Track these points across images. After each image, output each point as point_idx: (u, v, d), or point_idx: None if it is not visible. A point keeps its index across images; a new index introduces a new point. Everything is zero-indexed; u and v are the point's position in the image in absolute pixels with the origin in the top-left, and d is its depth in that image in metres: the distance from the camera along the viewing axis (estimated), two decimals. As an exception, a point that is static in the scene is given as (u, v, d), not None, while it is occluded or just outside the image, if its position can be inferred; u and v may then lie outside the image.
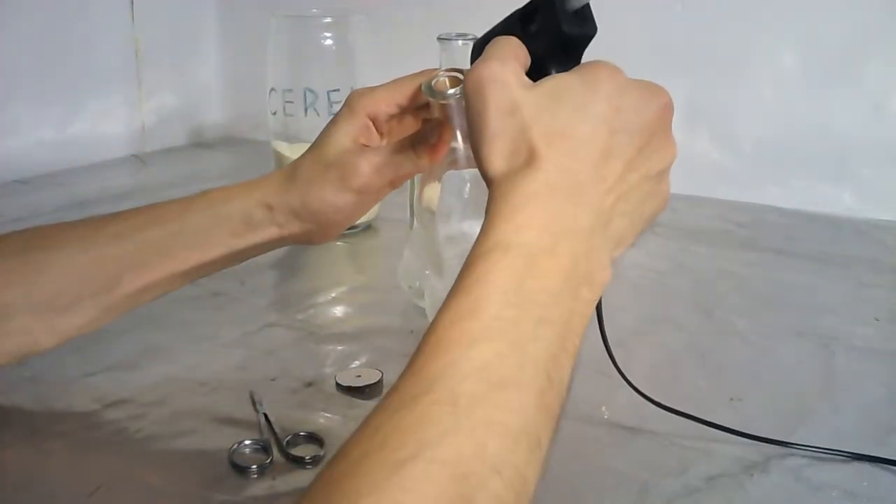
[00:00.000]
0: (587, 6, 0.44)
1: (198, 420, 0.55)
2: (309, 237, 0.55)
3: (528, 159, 0.38)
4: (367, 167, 0.52)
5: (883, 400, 0.59)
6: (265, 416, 0.55)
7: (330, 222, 0.55)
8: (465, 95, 0.42)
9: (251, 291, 0.77)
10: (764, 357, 0.65)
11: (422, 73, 0.54)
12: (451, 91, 0.50)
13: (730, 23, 1.02)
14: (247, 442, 0.52)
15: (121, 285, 0.53)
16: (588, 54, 0.44)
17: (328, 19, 0.91)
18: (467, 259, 0.36)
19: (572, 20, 0.44)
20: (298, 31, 0.92)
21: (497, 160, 0.39)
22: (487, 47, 0.43)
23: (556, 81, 0.40)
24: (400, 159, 0.53)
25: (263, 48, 0.92)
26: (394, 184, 0.54)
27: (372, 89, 0.54)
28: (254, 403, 0.57)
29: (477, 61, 0.41)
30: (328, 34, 0.90)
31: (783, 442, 0.52)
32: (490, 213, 0.37)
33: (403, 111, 0.54)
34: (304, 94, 0.89)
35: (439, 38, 0.60)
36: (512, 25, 0.46)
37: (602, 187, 0.38)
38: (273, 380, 0.61)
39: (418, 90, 0.53)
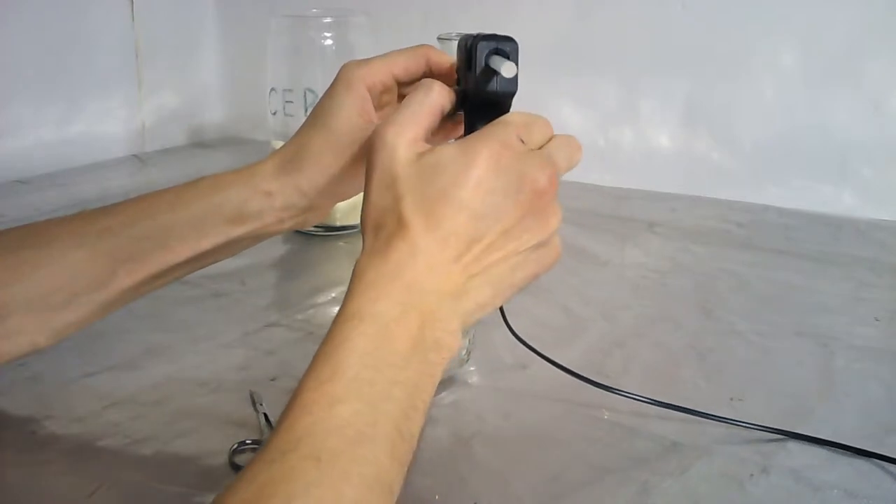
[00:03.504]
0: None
1: (198, 420, 0.55)
2: (305, 220, 0.55)
3: (391, 233, 0.41)
4: None
5: (883, 400, 0.59)
6: (265, 416, 0.55)
7: (336, 201, 0.55)
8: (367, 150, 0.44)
9: (251, 291, 0.77)
10: (764, 357, 0.65)
11: (415, 48, 0.53)
12: None
13: (730, 23, 1.02)
14: (247, 442, 0.52)
15: (116, 280, 0.52)
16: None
17: (328, 19, 0.91)
18: (331, 326, 0.39)
19: (489, 78, 0.44)
20: (298, 31, 0.92)
21: (367, 229, 0.43)
22: (401, 105, 0.44)
23: (436, 158, 0.42)
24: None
25: (263, 48, 0.92)
26: None
27: (366, 61, 0.53)
28: (254, 403, 0.57)
29: (383, 120, 0.44)
30: (328, 34, 0.90)
31: (781, 430, 0.53)
32: (351, 284, 0.41)
33: (396, 85, 0.54)
34: (304, 94, 0.89)
35: (439, 38, 0.59)
36: (468, 53, 0.45)
37: (455, 267, 0.41)
38: (273, 380, 0.61)
39: (412, 64, 0.53)
